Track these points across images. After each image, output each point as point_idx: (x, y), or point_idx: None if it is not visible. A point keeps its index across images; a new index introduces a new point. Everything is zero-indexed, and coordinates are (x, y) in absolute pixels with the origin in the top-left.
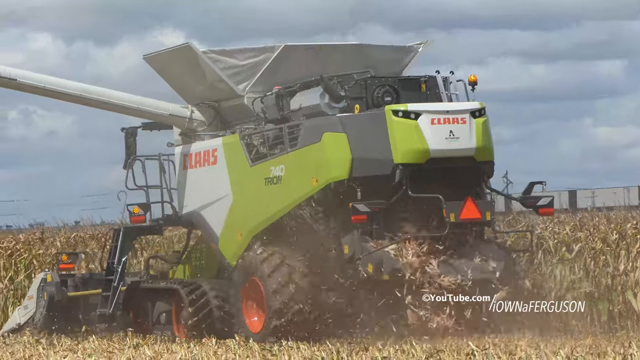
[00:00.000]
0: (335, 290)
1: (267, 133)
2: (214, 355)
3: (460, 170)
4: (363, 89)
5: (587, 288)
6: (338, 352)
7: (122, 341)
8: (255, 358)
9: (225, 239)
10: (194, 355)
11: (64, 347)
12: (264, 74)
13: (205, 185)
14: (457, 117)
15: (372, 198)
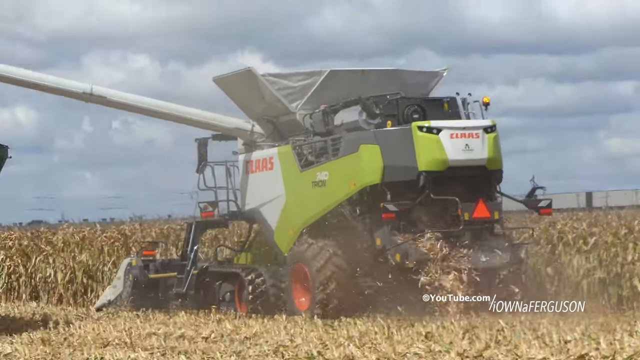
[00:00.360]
0: (367, 274)
1: (315, 144)
2: (284, 329)
3: (473, 177)
4: (395, 107)
5: (600, 275)
6: (389, 328)
7: (207, 316)
8: (318, 332)
9: (279, 232)
10: (267, 328)
11: (157, 320)
12: (312, 94)
13: (263, 187)
14: (472, 132)
15: (399, 199)
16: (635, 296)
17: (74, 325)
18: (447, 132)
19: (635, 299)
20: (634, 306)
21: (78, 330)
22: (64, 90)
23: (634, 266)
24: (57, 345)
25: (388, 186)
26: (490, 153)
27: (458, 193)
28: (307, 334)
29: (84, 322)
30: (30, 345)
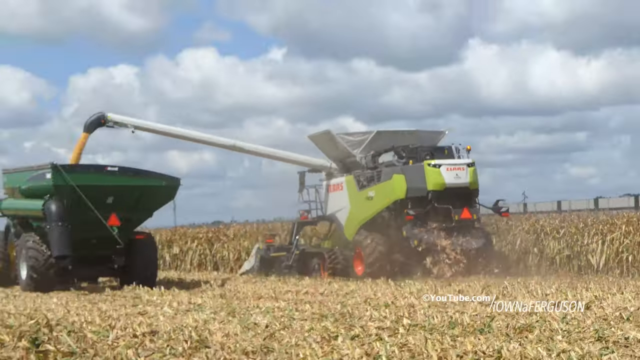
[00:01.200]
0: (397, 253)
1: (367, 174)
2: (370, 288)
3: (461, 193)
4: (415, 152)
5: (567, 252)
6: (435, 286)
7: (322, 280)
8: (391, 289)
9: (347, 228)
10: (359, 287)
11: (291, 282)
12: (366, 145)
13: (337, 201)
14: (460, 166)
15: (416, 207)
16: (589, 266)
17: (238, 285)
18: (445, 166)
19: (589, 268)
20: (588, 272)
21: (242, 289)
22: (219, 144)
23: (588, 247)
24: (229, 298)
25: (409, 199)
26: (471, 179)
27: (451, 203)
28: (384, 290)
29: (242, 283)
30: (213, 298)
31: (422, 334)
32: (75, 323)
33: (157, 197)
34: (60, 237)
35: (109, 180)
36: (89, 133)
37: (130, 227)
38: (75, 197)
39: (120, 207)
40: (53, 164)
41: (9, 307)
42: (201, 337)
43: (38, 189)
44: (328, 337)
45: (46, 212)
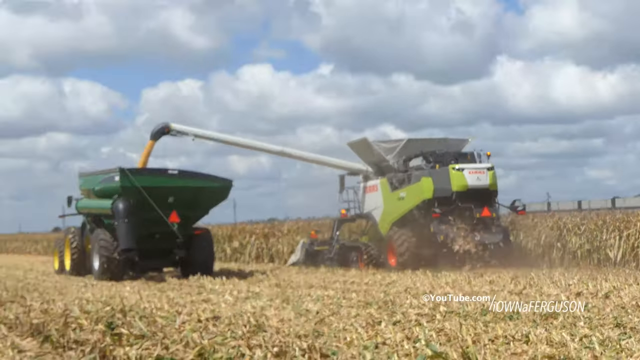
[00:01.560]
0: (425, 247)
1: (399, 177)
2: (410, 278)
3: (482, 194)
4: (441, 157)
5: (587, 247)
6: (468, 277)
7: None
8: (429, 279)
9: (381, 224)
10: (400, 277)
11: (339, 273)
12: (398, 151)
13: (373, 200)
14: (481, 170)
15: (441, 206)
16: (608, 259)
17: (291, 276)
18: (467, 170)
19: (607, 261)
20: (607, 265)
21: (295, 279)
22: (270, 150)
23: (606, 242)
24: (284, 287)
25: (436, 199)
26: (491, 181)
27: (473, 202)
28: (422, 280)
29: (295, 274)
30: (269, 287)
31: (457, 320)
32: (146, 309)
33: (212, 197)
34: (127, 232)
35: (170, 182)
36: (155, 140)
37: (189, 223)
38: (140, 197)
39: (180, 206)
40: (121, 168)
41: (87, 295)
42: (258, 322)
43: (108, 190)
44: (372, 323)
45: (114, 210)
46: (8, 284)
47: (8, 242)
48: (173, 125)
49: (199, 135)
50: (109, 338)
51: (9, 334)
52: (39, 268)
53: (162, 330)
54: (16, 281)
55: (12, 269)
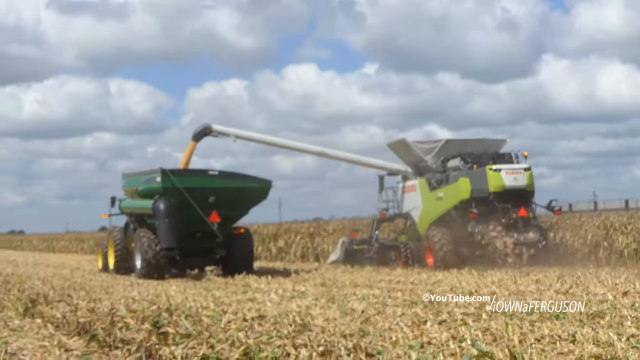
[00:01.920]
0: (462, 246)
1: (437, 177)
2: (455, 277)
3: (519, 194)
4: (478, 158)
5: (634, 246)
6: (514, 276)
7: (411, 270)
8: (474, 279)
9: (420, 224)
10: (446, 276)
11: (383, 272)
12: (437, 152)
13: (411, 200)
14: (518, 170)
15: (479, 207)
16: None
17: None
18: (504, 171)
19: None
20: None
21: (340, 278)
22: (309, 151)
23: None
24: (329, 286)
25: (473, 200)
26: (527, 182)
27: (510, 203)
28: (468, 280)
29: (340, 273)
30: (314, 286)
31: (503, 319)
32: (192, 308)
33: (252, 197)
34: (167, 231)
35: (211, 182)
36: (197, 141)
37: (229, 223)
38: (181, 197)
39: (220, 206)
40: (162, 169)
41: (133, 294)
42: (304, 321)
43: (150, 190)
44: (418, 322)
45: (155, 210)
46: (55, 283)
47: (55, 241)
48: (214, 126)
49: (240, 136)
50: (154, 337)
51: (56, 332)
52: (86, 267)
53: (208, 329)
54: (63, 280)
55: (59, 267)
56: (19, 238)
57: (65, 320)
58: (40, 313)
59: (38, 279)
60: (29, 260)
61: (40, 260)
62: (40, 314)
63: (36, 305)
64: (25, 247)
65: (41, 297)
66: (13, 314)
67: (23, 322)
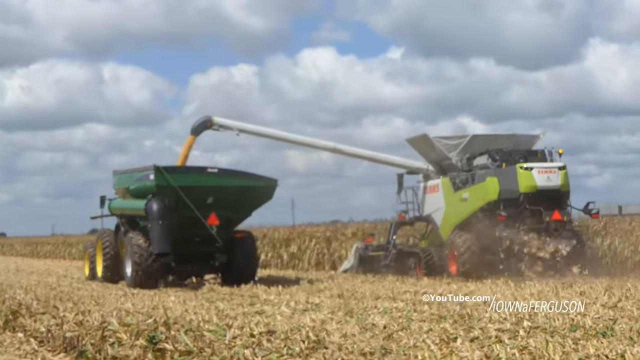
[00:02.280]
0: (490, 252)
1: (462, 177)
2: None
3: (552, 195)
4: (508, 155)
5: None
6: (556, 287)
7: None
8: (511, 290)
9: (443, 228)
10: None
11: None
12: (462, 148)
13: (433, 202)
14: (551, 169)
15: (508, 209)
16: None
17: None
18: (536, 169)
19: None
20: None
21: (360, 288)
22: (320, 147)
23: None
24: (347, 297)
25: (502, 201)
26: (562, 181)
27: (543, 205)
28: (504, 291)
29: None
30: (330, 298)
31: (543, 336)
32: (192, 322)
33: (255, 197)
34: (161, 234)
35: (209, 181)
36: (196, 136)
37: (230, 226)
38: (177, 197)
39: (220, 207)
40: (156, 165)
41: (127, 305)
42: (318, 337)
43: (143, 189)
44: (447, 339)
45: (148, 211)
46: (39, 293)
47: (40, 245)
48: (216, 118)
49: (244, 130)
50: (150, 354)
51: (40, 348)
52: (74, 274)
53: (211, 345)
54: (48, 289)
55: (44, 275)
56: (0, 242)
57: (50, 334)
58: (22, 326)
59: (20, 288)
60: (11, 267)
61: (23, 267)
62: (22, 327)
63: (18, 318)
64: (6, 252)
65: (23, 309)
66: None
67: (3, 336)
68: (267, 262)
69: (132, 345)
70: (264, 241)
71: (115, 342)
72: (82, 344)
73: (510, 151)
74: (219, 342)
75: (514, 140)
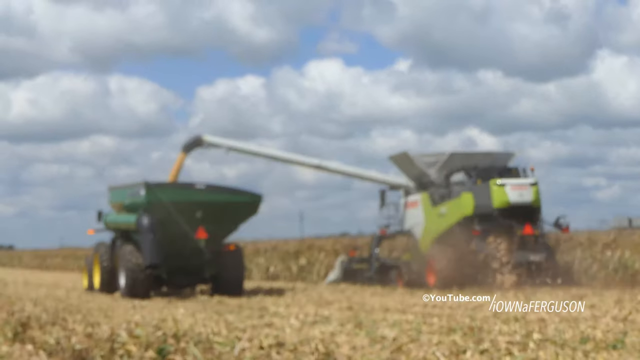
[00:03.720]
0: (466, 264)
1: (440, 192)
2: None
3: (525, 210)
4: (484, 172)
5: None
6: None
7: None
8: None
9: (422, 241)
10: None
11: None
12: (441, 166)
13: (414, 216)
14: (524, 185)
15: (482, 223)
16: None
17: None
18: (509, 185)
19: None
20: None
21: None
22: (306, 164)
23: None
24: (356, 310)
25: (477, 216)
26: (534, 197)
27: (515, 220)
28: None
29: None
30: (339, 310)
31: (553, 349)
32: (201, 334)
33: (241, 212)
34: (151, 247)
35: (197, 196)
36: (186, 153)
37: (217, 239)
38: (167, 211)
39: (208, 221)
40: (146, 182)
41: (136, 317)
42: (327, 349)
43: (135, 204)
44: (457, 351)
45: (139, 225)
46: (48, 305)
47: (48, 258)
48: (206, 137)
49: (233, 148)
50: None
51: None
52: (83, 287)
53: (220, 357)
54: (57, 302)
55: (52, 287)
56: (8, 254)
57: (60, 346)
58: (31, 338)
59: (29, 300)
60: (19, 279)
61: (31, 280)
62: (32, 339)
63: (27, 330)
64: (15, 265)
65: (33, 321)
66: (1, 339)
67: (12, 348)
68: (277, 274)
69: (141, 358)
70: (273, 254)
71: (125, 355)
72: (91, 356)
73: (486, 168)
74: (228, 355)
75: (490, 158)
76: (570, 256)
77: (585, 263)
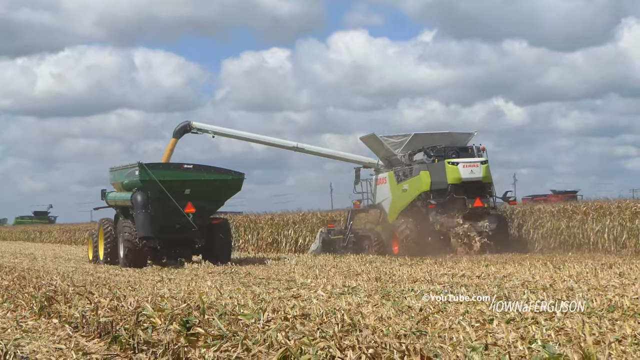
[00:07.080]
0: (425, 235)
1: (404, 170)
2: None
3: (476, 186)
4: (442, 152)
5: None
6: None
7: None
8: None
9: (390, 214)
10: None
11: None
12: (405, 145)
13: (383, 192)
14: (475, 163)
15: (438, 198)
16: None
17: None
18: (462, 164)
19: None
20: None
21: (398, 272)
22: (284, 146)
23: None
24: (384, 281)
25: (433, 191)
26: (484, 174)
27: (466, 194)
28: (542, 273)
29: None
30: (367, 281)
31: (580, 317)
32: (227, 306)
33: (225, 189)
34: (144, 221)
35: (185, 175)
36: (177, 138)
37: (205, 213)
38: (158, 189)
39: (196, 198)
40: (140, 163)
41: (162, 291)
42: (353, 320)
43: (131, 183)
44: (483, 321)
45: (133, 201)
46: (76, 279)
47: (78, 232)
48: (194, 123)
49: (219, 133)
50: (183, 339)
51: (74, 334)
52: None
53: (244, 329)
54: (85, 275)
55: (80, 262)
56: (38, 229)
57: (85, 320)
58: (57, 312)
59: (57, 274)
60: (49, 254)
61: (61, 254)
62: (57, 313)
63: (53, 304)
64: (44, 239)
65: (59, 295)
66: (27, 313)
67: (38, 322)
68: (306, 246)
69: (166, 330)
70: (302, 225)
71: (149, 327)
72: (116, 329)
73: (444, 148)
74: (253, 326)
75: (450, 138)
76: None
77: (615, 231)
